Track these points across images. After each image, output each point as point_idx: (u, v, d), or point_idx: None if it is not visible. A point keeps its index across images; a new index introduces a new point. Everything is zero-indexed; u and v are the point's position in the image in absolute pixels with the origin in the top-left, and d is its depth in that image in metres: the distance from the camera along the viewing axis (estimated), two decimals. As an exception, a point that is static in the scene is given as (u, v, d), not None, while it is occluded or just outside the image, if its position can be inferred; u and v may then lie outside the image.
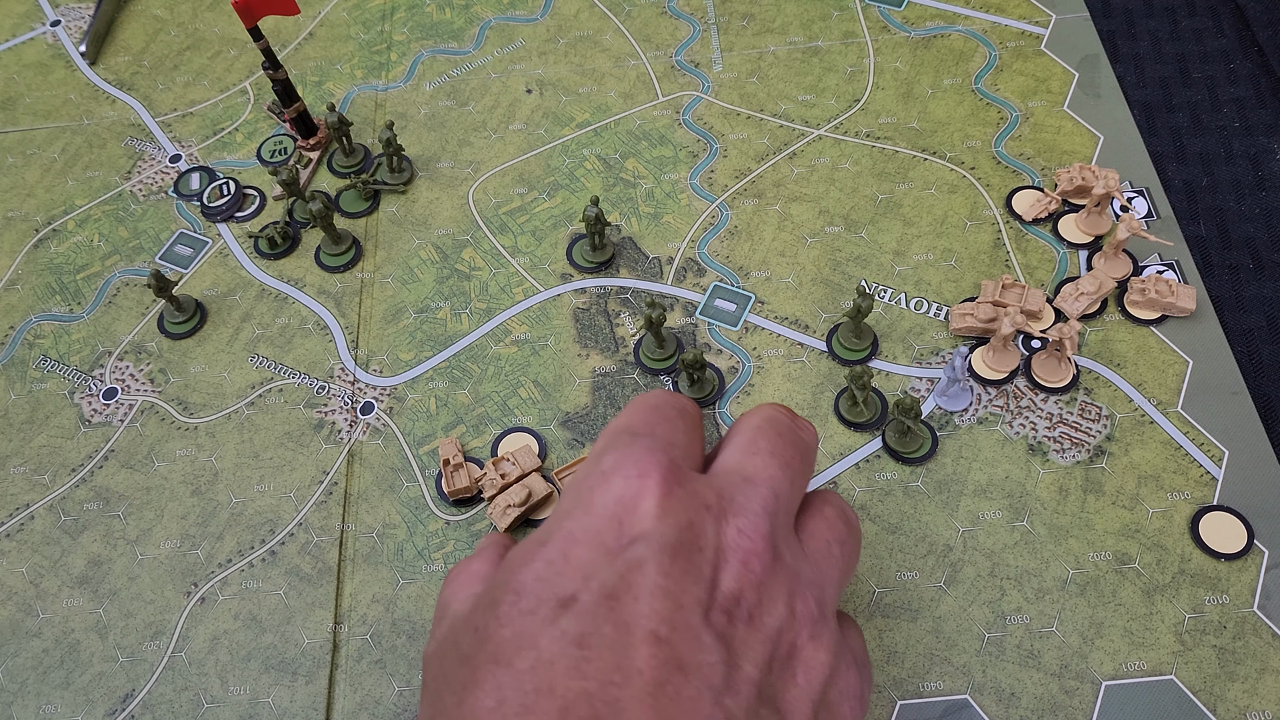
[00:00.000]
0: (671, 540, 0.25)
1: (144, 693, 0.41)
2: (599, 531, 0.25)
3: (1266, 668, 0.38)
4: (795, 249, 0.50)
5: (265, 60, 0.52)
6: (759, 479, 0.28)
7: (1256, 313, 0.47)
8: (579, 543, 0.25)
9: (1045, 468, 0.43)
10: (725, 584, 0.25)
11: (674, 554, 0.25)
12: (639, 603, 0.24)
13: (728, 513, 0.26)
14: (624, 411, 0.30)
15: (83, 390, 0.49)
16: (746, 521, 0.26)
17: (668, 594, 0.24)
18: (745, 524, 0.26)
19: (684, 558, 0.25)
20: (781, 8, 0.60)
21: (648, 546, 0.25)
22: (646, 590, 0.24)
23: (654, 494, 0.26)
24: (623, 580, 0.24)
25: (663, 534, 0.25)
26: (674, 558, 0.25)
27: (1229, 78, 0.55)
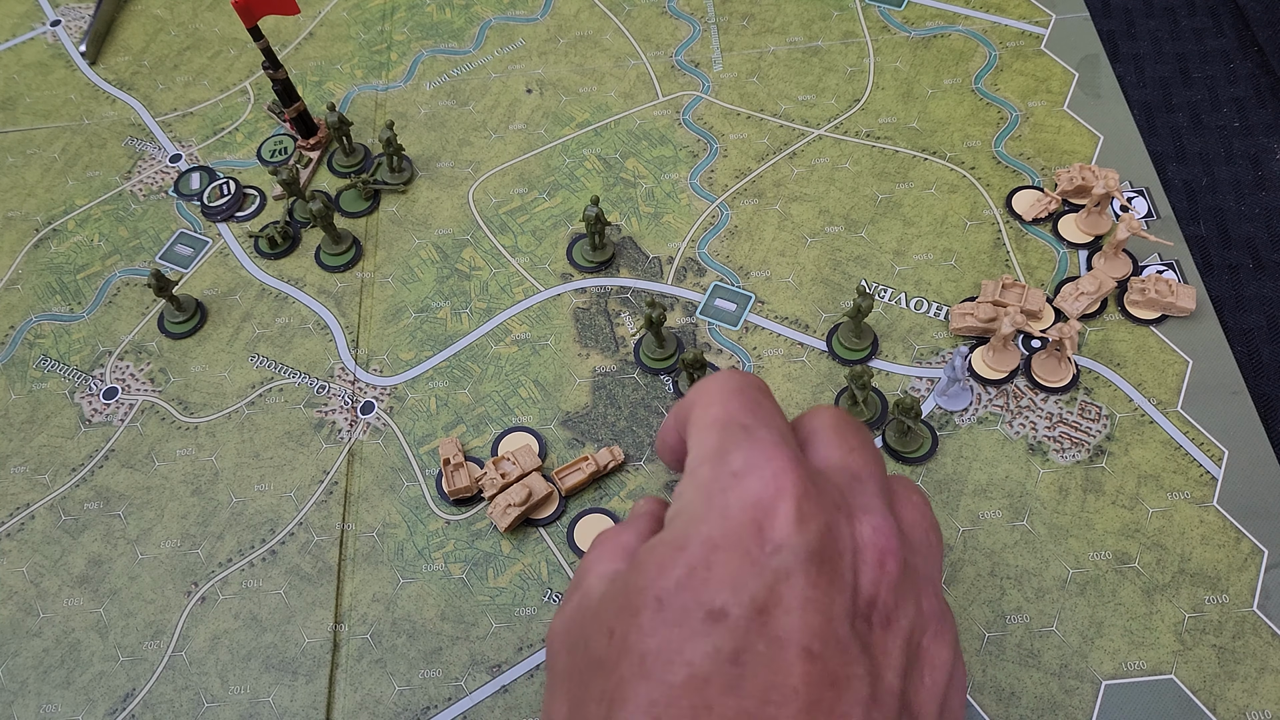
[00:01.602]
0: (814, 547, 0.24)
1: (144, 692, 0.41)
2: (739, 538, 0.24)
3: (1266, 667, 0.38)
4: (795, 249, 0.50)
5: (265, 60, 0.52)
6: (865, 475, 0.28)
7: (1256, 313, 0.47)
8: (720, 549, 0.24)
9: (1045, 467, 0.43)
10: (864, 587, 0.25)
11: (819, 561, 0.24)
12: (791, 617, 0.23)
13: (855, 512, 0.26)
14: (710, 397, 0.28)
15: (83, 390, 0.49)
16: (877, 519, 0.26)
17: (817, 606, 0.24)
18: (877, 522, 0.26)
19: (828, 565, 0.24)
20: (781, 8, 0.60)
21: (794, 555, 0.24)
22: (797, 603, 0.24)
23: (791, 497, 0.25)
24: (772, 593, 0.24)
25: (806, 541, 0.24)
26: (819, 566, 0.24)
27: (1229, 78, 0.55)
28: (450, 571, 0.43)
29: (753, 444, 0.26)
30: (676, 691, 0.23)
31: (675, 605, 0.24)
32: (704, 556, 0.24)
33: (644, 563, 0.25)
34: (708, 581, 0.24)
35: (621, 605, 0.25)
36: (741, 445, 0.26)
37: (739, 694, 0.23)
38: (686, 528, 0.25)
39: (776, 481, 0.25)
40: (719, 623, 0.23)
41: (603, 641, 0.25)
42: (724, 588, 0.24)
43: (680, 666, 0.23)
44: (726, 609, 0.24)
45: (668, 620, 0.24)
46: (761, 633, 0.23)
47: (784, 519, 0.25)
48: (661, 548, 0.25)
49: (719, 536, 0.25)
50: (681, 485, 0.27)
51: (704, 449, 0.27)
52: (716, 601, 0.24)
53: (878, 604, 0.25)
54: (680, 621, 0.24)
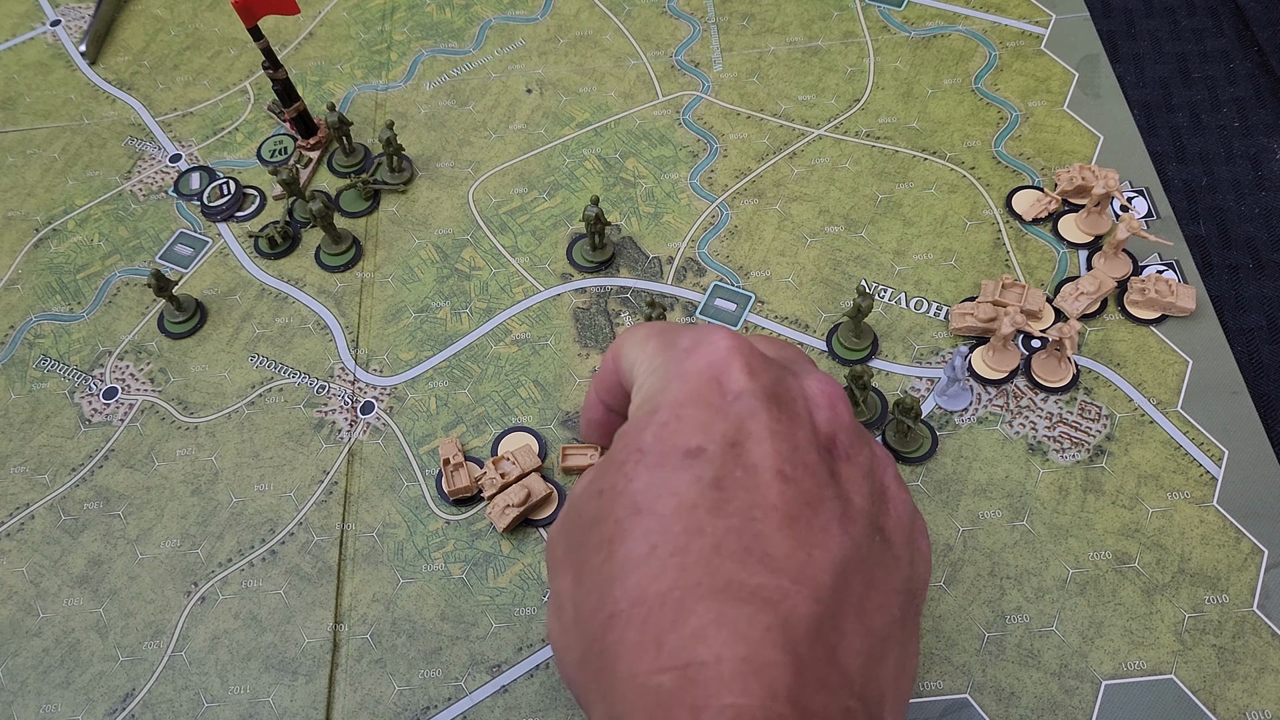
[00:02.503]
0: (771, 390, 0.27)
1: (144, 692, 0.41)
2: (702, 393, 0.27)
3: (1266, 667, 0.38)
4: (795, 249, 0.50)
5: (265, 60, 0.52)
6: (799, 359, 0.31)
7: (1256, 313, 0.47)
8: (686, 404, 0.27)
9: (1045, 467, 0.43)
10: (822, 427, 0.28)
11: (777, 402, 0.27)
12: (761, 445, 0.26)
13: (800, 374, 0.29)
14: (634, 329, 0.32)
15: (83, 390, 0.49)
16: (819, 375, 0.29)
17: (783, 435, 0.26)
18: (820, 377, 0.29)
19: (785, 405, 0.27)
20: (781, 8, 0.60)
21: (754, 398, 0.27)
22: (765, 434, 0.26)
23: (740, 357, 0.28)
24: (740, 428, 0.26)
25: (762, 385, 0.27)
26: (779, 405, 0.27)
27: (1229, 78, 0.55)
28: (450, 571, 0.43)
29: (693, 329, 0.30)
30: (668, 519, 0.25)
31: (655, 451, 0.26)
32: (674, 413, 0.27)
33: (622, 433, 0.28)
34: (680, 430, 0.27)
35: (606, 465, 0.28)
36: (684, 332, 0.30)
37: (725, 514, 0.25)
38: (653, 398, 0.28)
39: (725, 345, 0.28)
40: (697, 458, 0.26)
41: (594, 503, 0.27)
42: (696, 431, 0.26)
43: (668, 497, 0.25)
44: (702, 446, 0.26)
45: (650, 464, 0.26)
46: (737, 461, 0.26)
47: (739, 371, 0.27)
48: (634, 418, 0.28)
49: (683, 396, 0.27)
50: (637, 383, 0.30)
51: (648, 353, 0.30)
52: (692, 442, 0.26)
53: (837, 441, 0.28)
54: (662, 463, 0.26)
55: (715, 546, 0.24)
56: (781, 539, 0.25)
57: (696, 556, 0.24)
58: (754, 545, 0.24)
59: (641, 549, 0.25)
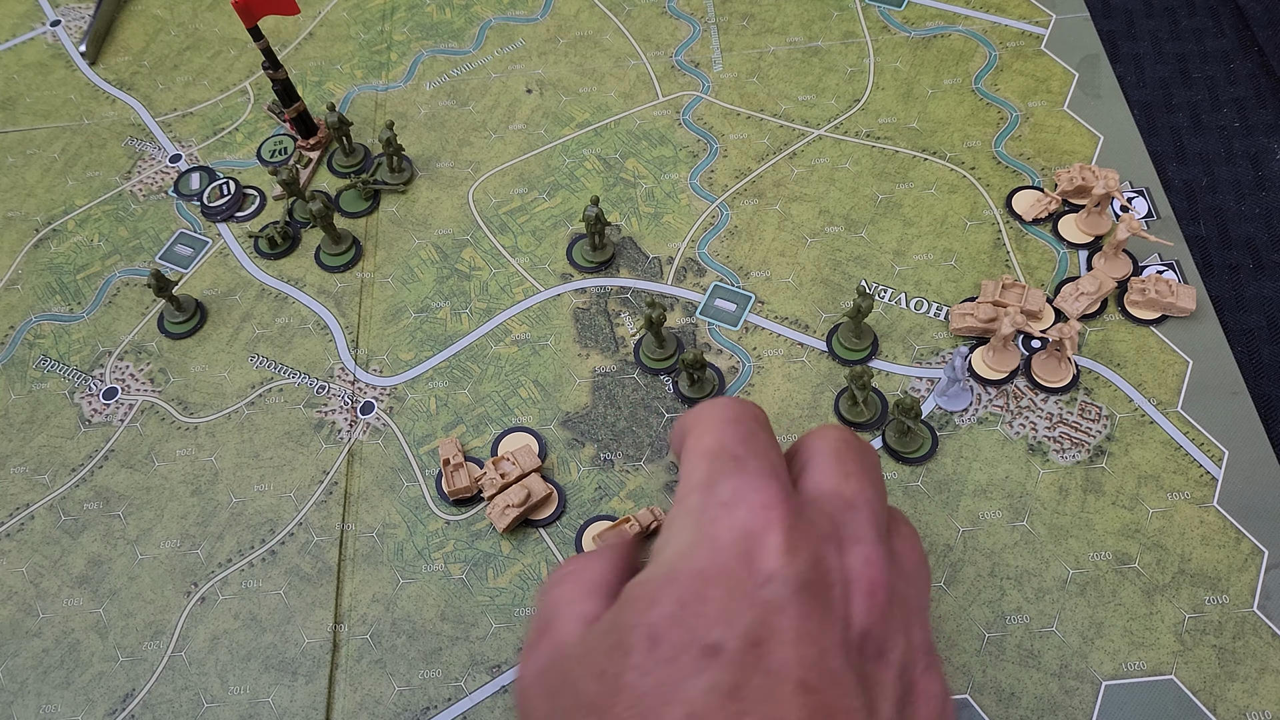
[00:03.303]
0: (805, 578, 0.24)
1: (144, 692, 0.41)
2: (730, 569, 0.24)
3: (1266, 668, 0.38)
4: (795, 249, 0.50)
5: (265, 60, 0.52)
6: (859, 503, 0.27)
7: (1256, 313, 0.47)
8: (711, 582, 0.24)
9: (1045, 468, 0.43)
10: (856, 619, 0.25)
11: (810, 592, 0.24)
12: (785, 649, 0.23)
13: (845, 541, 0.26)
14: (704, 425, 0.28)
15: (83, 390, 0.49)
16: (867, 549, 0.26)
17: (811, 639, 0.24)
18: (867, 552, 0.26)
19: (820, 596, 0.24)
20: (781, 8, 0.60)
21: (785, 586, 0.24)
22: (790, 635, 0.23)
23: (780, 527, 0.25)
24: (766, 625, 0.23)
25: (796, 572, 0.24)
26: (810, 597, 0.24)
27: (1229, 78, 0.55)
28: (450, 572, 0.43)
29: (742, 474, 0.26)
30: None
31: (669, 641, 0.23)
32: (695, 590, 0.24)
33: (634, 598, 0.25)
34: (701, 615, 0.24)
35: (612, 644, 0.24)
36: (731, 476, 0.26)
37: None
38: (675, 560, 0.25)
39: (765, 512, 0.25)
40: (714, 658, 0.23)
41: (593, 685, 0.24)
42: (717, 621, 0.23)
43: (678, 705, 0.23)
44: (721, 643, 0.23)
45: (662, 658, 0.23)
46: (757, 666, 0.23)
47: (773, 549, 0.24)
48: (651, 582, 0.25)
49: (709, 569, 0.24)
50: (670, 514, 0.27)
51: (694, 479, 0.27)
52: (711, 636, 0.23)
53: (870, 635, 0.25)
54: (675, 658, 0.23)
55: None
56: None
57: None
58: None
59: None
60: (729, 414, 0.28)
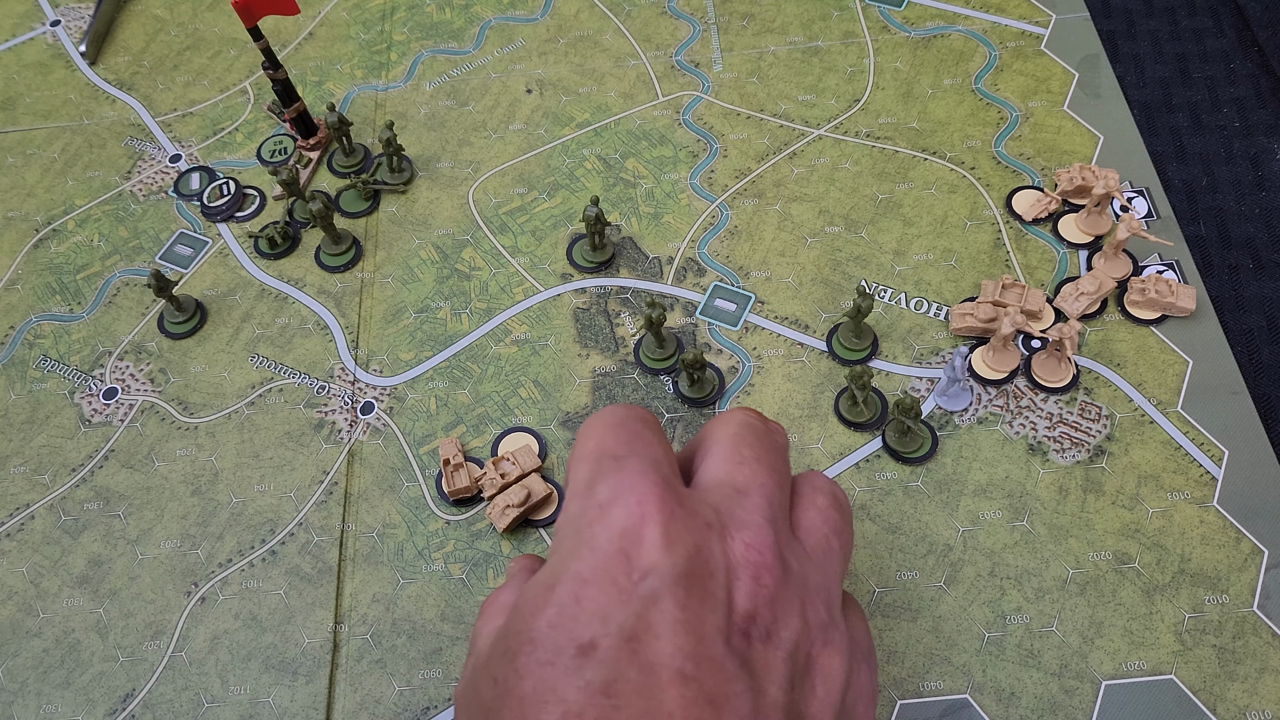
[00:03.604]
0: (682, 569, 0.24)
1: (144, 692, 0.41)
2: (607, 569, 0.25)
3: (1266, 667, 0.38)
4: (795, 249, 0.50)
5: (265, 60, 0.52)
6: (751, 488, 0.27)
7: (1256, 313, 0.47)
8: (589, 583, 0.24)
9: (1045, 468, 0.43)
10: (740, 604, 0.25)
11: (688, 583, 0.24)
12: (661, 641, 0.23)
13: (730, 528, 0.26)
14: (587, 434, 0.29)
15: (83, 390, 0.49)
16: (751, 534, 0.26)
17: (688, 627, 0.24)
18: (751, 537, 0.26)
19: (698, 585, 0.24)
20: (781, 8, 0.60)
21: (660, 579, 0.24)
22: (666, 627, 0.24)
23: (656, 521, 0.25)
24: (641, 619, 0.24)
25: (673, 564, 0.24)
26: (688, 588, 0.24)
27: (1229, 78, 0.55)
28: (450, 572, 0.43)
29: (620, 473, 0.26)
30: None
31: (547, 644, 0.24)
32: (573, 592, 0.24)
33: (519, 607, 0.26)
34: (577, 617, 0.24)
35: (501, 652, 0.25)
36: (608, 476, 0.26)
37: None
38: (557, 566, 0.26)
39: (641, 508, 0.25)
40: (589, 656, 0.23)
41: (488, 690, 0.25)
42: (593, 620, 0.24)
43: (555, 704, 0.23)
44: (596, 641, 0.24)
45: (540, 660, 0.24)
46: (632, 661, 0.23)
47: (650, 544, 0.24)
48: (534, 589, 0.26)
49: (588, 571, 0.25)
50: (557, 523, 0.28)
51: (577, 484, 0.27)
52: (585, 635, 0.24)
53: (756, 619, 0.25)
54: (552, 660, 0.24)
55: None
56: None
57: None
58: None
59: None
60: (613, 419, 0.29)
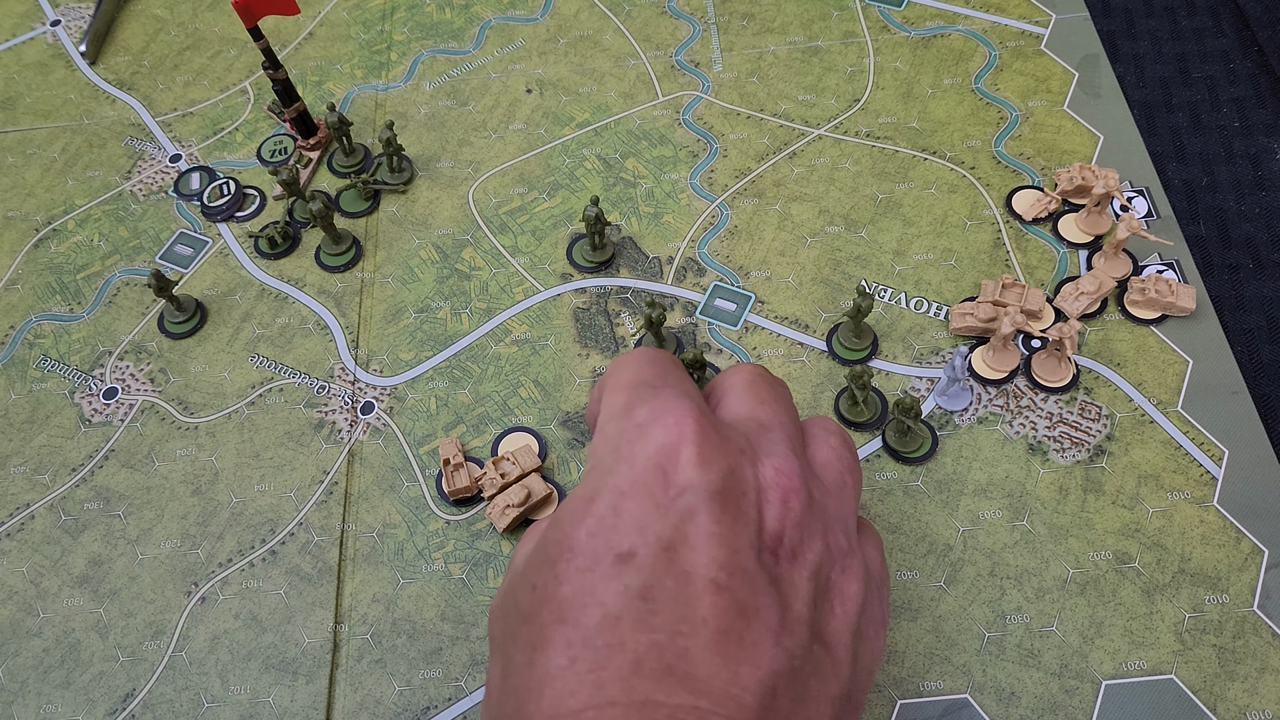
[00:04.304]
0: (717, 486, 0.26)
1: (144, 692, 0.41)
2: (645, 484, 0.26)
3: (1266, 667, 0.38)
4: (795, 249, 0.50)
5: (265, 60, 0.52)
6: (773, 424, 0.29)
7: (1256, 313, 0.47)
8: (627, 496, 0.26)
9: (1045, 467, 0.43)
10: (769, 524, 0.26)
11: (722, 500, 0.25)
12: (696, 552, 0.25)
13: (760, 454, 0.27)
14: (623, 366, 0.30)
15: (83, 390, 0.49)
16: (779, 461, 0.27)
17: (722, 540, 0.25)
18: (779, 464, 0.27)
19: (731, 503, 0.26)
20: (781, 8, 0.60)
21: (696, 495, 0.25)
22: (702, 539, 0.25)
23: (693, 442, 0.26)
24: (677, 531, 0.25)
25: (708, 481, 0.26)
26: (722, 504, 0.25)
27: (1229, 78, 0.55)
28: (450, 572, 0.43)
29: (658, 399, 0.28)
30: (591, 631, 0.24)
31: (587, 552, 0.25)
32: (612, 504, 0.26)
33: (559, 518, 0.27)
34: (616, 527, 0.25)
35: (541, 559, 0.27)
36: (646, 400, 0.28)
37: (650, 628, 0.24)
38: (596, 480, 0.27)
39: (679, 428, 0.26)
40: (628, 563, 0.25)
41: (527, 596, 0.26)
42: (631, 531, 0.25)
43: (594, 608, 0.24)
44: (634, 550, 0.25)
45: (580, 566, 0.25)
46: (669, 569, 0.25)
47: (687, 462, 0.26)
48: (573, 502, 0.27)
49: (626, 484, 0.26)
50: (592, 444, 0.29)
51: (613, 408, 0.29)
52: (624, 544, 0.25)
53: (784, 540, 0.26)
54: (592, 566, 0.25)
55: (635, 663, 0.23)
56: (707, 656, 0.24)
57: (614, 673, 0.23)
58: (676, 663, 0.23)
59: (561, 661, 0.24)
60: (646, 356, 0.31)
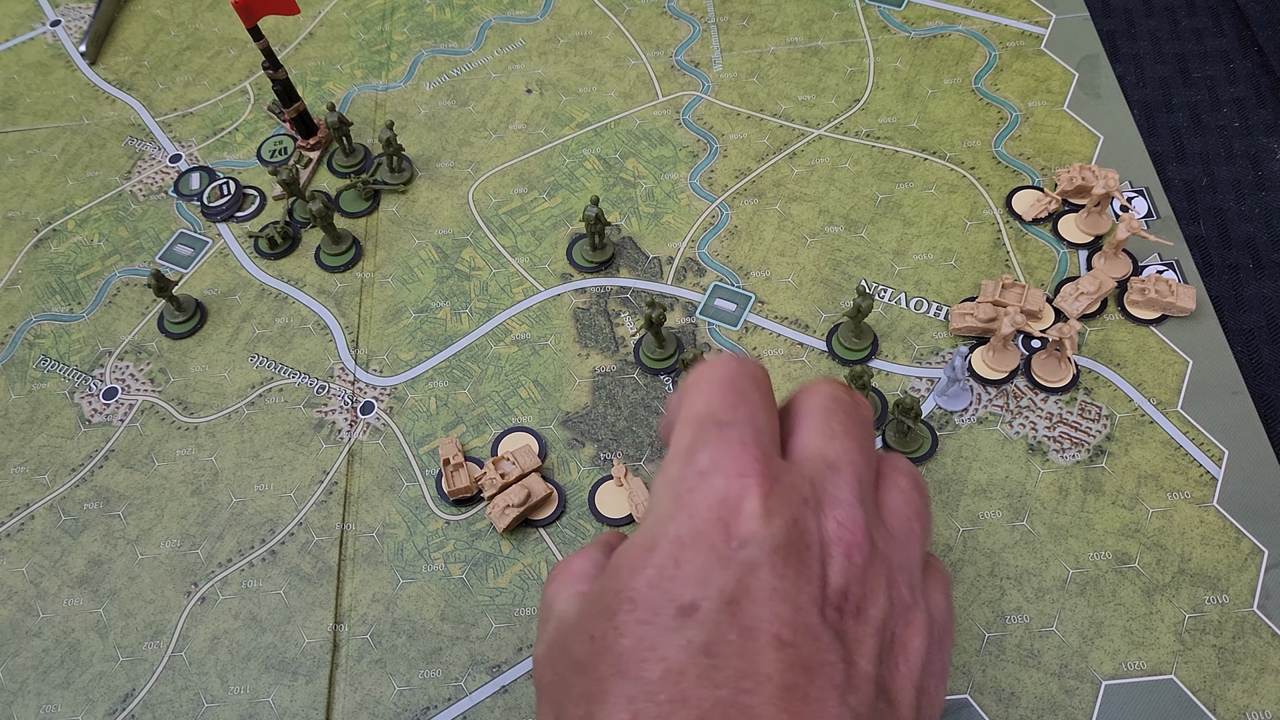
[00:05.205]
0: (780, 540, 0.25)
1: (144, 692, 0.41)
2: (707, 535, 0.25)
3: (1266, 667, 0.38)
4: (795, 249, 0.50)
5: (265, 60, 0.52)
6: (842, 464, 0.28)
7: (1256, 313, 0.47)
8: (688, 547, 0.25)
9: (1045, 467, 0.43)
10: (834, 580, 0.26)
11: (785, 554, 0.25)
12: (759, 607, 0.24)
13: (824, 504, 0.27)
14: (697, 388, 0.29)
15: (83, 390, 0.49)
16: (844, 513, 0.27)
17: (785, 596, 0.24)
18: (843, 515, 0.27)
19: (794, 557, 0.25)
20: (781, 8, 0.60)
21: (759, 548, 0.25)
22: (765, 594, 0.24)
23: (756, 493, 0.25)
24: (740, 584, 0.24)
25: (771, 535, 0.25)
26: (785, 558, 0.25)
27: (1229, 78, 0.55)
28: (450, 572, 0.43)
29: (723, 442, 0.27)
30: (653, 686, 0.23)
31: (647, 603, 0.25)
32: (673, 555, 0.25)
33: (617, 567, 0.26)
34: (676, 579, 0.25)
35: (598, 610, 0.26)
36: (711, 444, 0.27)
37: (713, 684, 0.23)
38: (655, 528, 0.26)
39: (742, 480, 0.26)
40: (690, 616, 0.24)
41: (583, 647, 0.26)
42: (693, 583, 0.25)
43: (655, 662, 0.24)
44: (697, 603, 0.24)
45: (641, 618, 0.24)
46: (732, 623, 0.24)
47: (749, 515, 0.25)
48: (632, 550, 0.26)
49: (687, 535, 0.25)
50: (655, 484, 0.28)
51: (679, 447, 0.28)
52: (686, 597, 0.24)
53: (848, 595, 0.26)
54: (653, 619, 0.24)
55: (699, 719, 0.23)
56: (772, 713, 0.23)
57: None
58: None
59: (623, 715, 0.23)
60: (725, 373, 0.29)
